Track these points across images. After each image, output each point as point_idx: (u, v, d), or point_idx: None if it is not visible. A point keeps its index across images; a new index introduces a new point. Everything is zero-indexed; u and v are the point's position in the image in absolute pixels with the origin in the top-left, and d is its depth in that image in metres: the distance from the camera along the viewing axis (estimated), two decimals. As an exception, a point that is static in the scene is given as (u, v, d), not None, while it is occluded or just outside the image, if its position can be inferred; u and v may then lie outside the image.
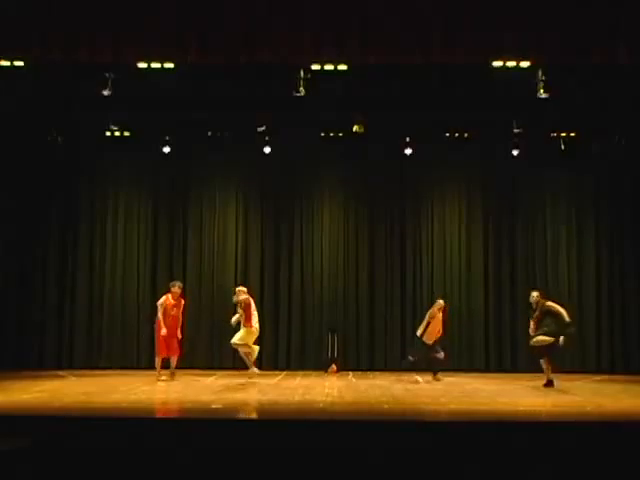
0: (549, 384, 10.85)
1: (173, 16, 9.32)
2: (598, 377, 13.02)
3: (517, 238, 14.55)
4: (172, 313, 11.76)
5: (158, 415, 8.55)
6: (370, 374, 13.44)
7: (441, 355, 12.03)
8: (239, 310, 11.50)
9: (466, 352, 14.20)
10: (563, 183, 14.58)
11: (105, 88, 10.97)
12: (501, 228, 14.60)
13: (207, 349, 14.20)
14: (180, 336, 11.90)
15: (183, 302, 12.09)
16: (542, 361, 11.01)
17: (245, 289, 11.92)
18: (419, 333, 11.99)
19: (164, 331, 11.56)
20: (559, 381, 11.17)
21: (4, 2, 9.15)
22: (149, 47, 9.46)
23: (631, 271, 14.23)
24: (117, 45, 9.23)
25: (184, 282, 14.41)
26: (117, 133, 13.84)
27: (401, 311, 14.42)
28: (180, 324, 11.91)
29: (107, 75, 10.89)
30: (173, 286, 12.04)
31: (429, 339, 11.95)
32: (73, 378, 12.25)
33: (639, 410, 8.76)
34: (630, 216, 14.20)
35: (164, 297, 11.94)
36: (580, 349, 14.07)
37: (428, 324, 11.95)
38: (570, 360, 13.94)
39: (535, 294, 11.35)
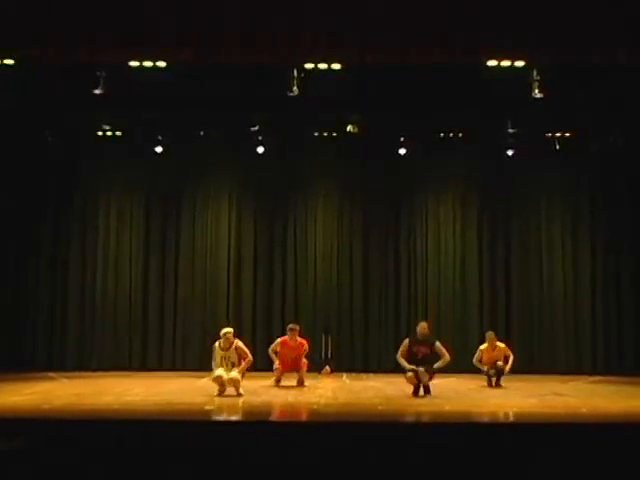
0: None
1: (166, 14, 9.29)
2: (593, 378, 13.02)
3: (512, 238, 14.58)
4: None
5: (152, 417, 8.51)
6: (364, 375, 13.43)
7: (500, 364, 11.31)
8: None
9: (461, 355, 14.13)
10: (558, 183, 14.60)
11: (97, 87, 10.91)
12: (496, 228, 14.62)
13: (200, 350, 14.16)
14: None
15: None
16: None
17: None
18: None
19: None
20: (554, 383, 11.15)
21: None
22: (141, 45, 9.42)
23: (626, 271, 14.26)
24: (109, 43, 9.19)
25: (176, 283, 14.43)
26: (109, 132, 13.81)
27: (395, 312, 14.43)
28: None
29: (99, 74, 10.83)
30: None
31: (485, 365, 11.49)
32: (64, 380, 12.18)
33: (635, 411, 8.76)
34: (625, 217, 14.22)
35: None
36: (575, 350, 14.12)
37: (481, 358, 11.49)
38: (565, 361, 13.99)
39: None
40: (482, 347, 11.62)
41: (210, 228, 14.77)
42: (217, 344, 10.08)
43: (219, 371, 9.84)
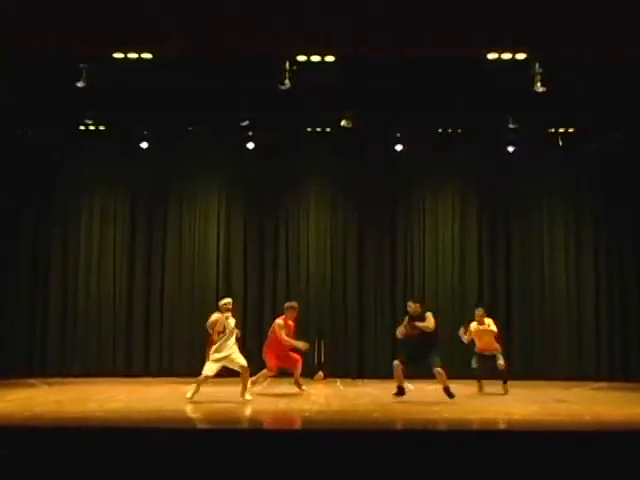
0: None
1: (152, 4, 9.28)
2: (597, 384, 13.08)
3: (513, 239, 14.63)
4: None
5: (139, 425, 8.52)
6: (359, 381, 13.47)
7: (501, 363, 11.41)
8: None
9: (459, 359, 14.20)
10: (561, 182, 14.66)
11: (79, 80, 10.90)
12: (496, 229, 14.68)
13: (188, 355, 14.17)
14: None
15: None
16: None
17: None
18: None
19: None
20: (556, 389, 11.21)
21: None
22: (125, 36, 9.41)
23: (631, 273, 14.32)
24: (91, 33, 9.16)
25: (162, 285, 14.43)
26: (92, 128, 13.79)
27: (392, 315, 14.42)
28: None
29: (81, 66, 10.82)
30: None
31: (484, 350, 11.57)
32: (45, 386, 12.18)
33: None
34: (630, 216, 14.27)
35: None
36: (578, 355, 14.18)
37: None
38: (567, 367, 14.04)
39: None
40: (472, 327, 11.69)
41: (198, 228, 14.78)
42: (221, 315, 10.15)
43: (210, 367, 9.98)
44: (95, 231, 14.61)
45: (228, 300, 10.40)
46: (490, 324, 11.66)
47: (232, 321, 10.17)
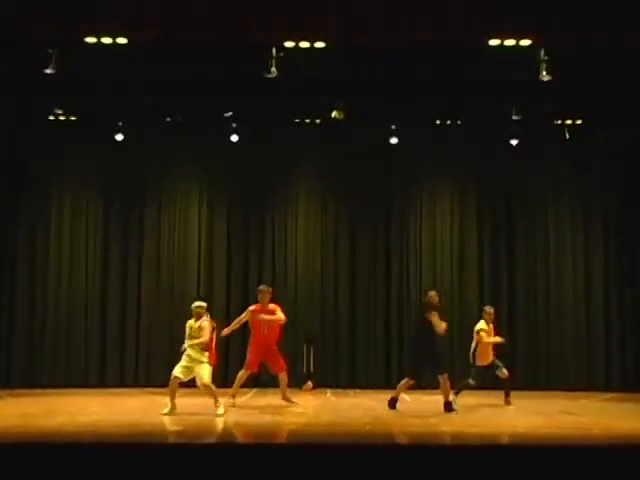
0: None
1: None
2: (607, 395, 13.10)
3: (516, 238, 14.65)
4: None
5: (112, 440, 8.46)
6: (351, 392, 13.45)
7: (504, 373, 11.24)
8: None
9: (459, 367, 14.20)
10: (567, 175, 14.70)
11: (48, 66, 10.82)
12: (498, 227, 14.69)
13: (166, 363, 14.10)
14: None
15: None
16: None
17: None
18: (472, 360, 11.23)
19: None
20: (563, 400, 11.20)
21: None
22: (99, 19, 9.35)
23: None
24: (61, 16, 9.11)
25: (139, 290, 14.36)
26: (62, 118, 13.71)
27: (385, 321, 14.45)
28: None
29: (50, 51, 10.74)
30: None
31: (483, 361, 11.21)
32: (9, 398, 12.08)
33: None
34: (641, 214, 14.34)
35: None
36: (586, 364, 14.19)
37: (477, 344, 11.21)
38: (575, 376, 14.05)
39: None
40: (482, 327, 11.23)
41: (178, 227, 14.74)
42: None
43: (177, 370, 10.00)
44: (65, 231, 14.53)
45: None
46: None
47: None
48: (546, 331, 14.44)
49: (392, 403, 10.47)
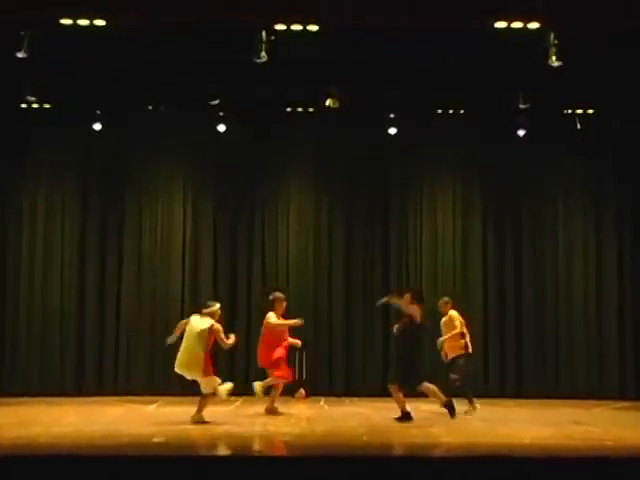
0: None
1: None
2: (619, 404, 13.12)
3: (523, 235, 14.68)
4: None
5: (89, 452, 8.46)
6: (346, 400, 13.45)
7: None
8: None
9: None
10: (578, 168, 14.73)
11: (20, 49, 10.80)
12: (504, 223, 14.72)
13: (148, 371, 14.12)
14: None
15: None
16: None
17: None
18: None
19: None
20: (573, 409, 11.22)
21: None
22: None
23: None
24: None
25: (119, 292, 14.33)
26: (35, 105, 13.66)
27: (383, 325, 14.42)
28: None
29: (22, 33, 10.71)
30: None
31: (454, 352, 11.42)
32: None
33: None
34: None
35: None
36: (598, 371, 14.21)
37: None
38: (586, 383, 14.07)
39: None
40: (455, 315, 11.56)
41: (160, 225, 14.71)
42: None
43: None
44: (39, 229, 14.51)
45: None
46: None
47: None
48: (555, 336, 14.45)
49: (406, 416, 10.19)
